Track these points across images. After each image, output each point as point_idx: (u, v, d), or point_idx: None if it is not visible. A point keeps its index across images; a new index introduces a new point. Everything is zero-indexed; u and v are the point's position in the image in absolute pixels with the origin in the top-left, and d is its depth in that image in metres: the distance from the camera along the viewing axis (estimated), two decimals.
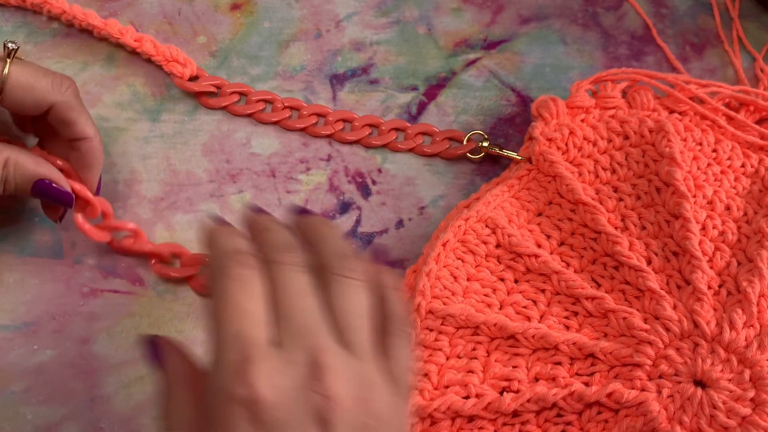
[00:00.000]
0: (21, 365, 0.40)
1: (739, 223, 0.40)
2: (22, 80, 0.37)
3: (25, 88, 0.37)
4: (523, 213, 0.42)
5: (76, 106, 0.38)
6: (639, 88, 0.44)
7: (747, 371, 0.36)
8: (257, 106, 0.46)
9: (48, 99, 0.37)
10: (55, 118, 0.38)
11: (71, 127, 0.38)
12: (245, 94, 0.46)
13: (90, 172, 0.40)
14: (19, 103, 0.37)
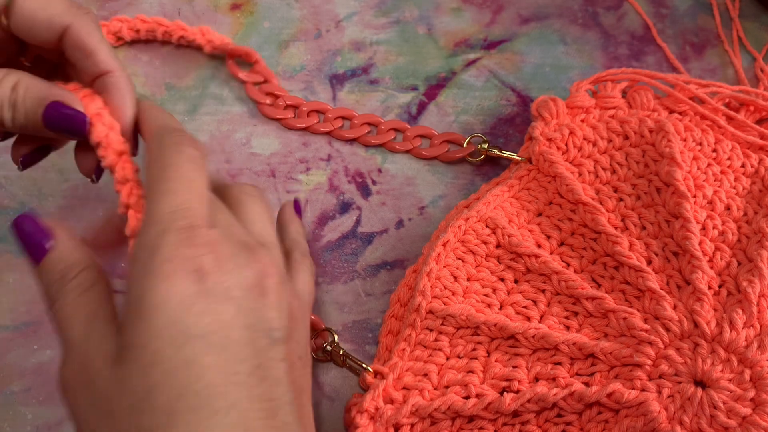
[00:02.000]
0: (21, 365, 0.40)
1: (739, 223, 0.40)
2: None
3: (40, 3, 0.33)
4: (523, 213, 0.42)
5: (95, 33, 0.34)
6: (639, 88, 0.44)
7: (747, 371, 0.36)
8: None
9: (63, 19, 0.33)
10: (71, 45, 0.33)
11: (91, 58, 0.34)
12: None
13: (122, 111, 0.34)
14: (30, 22, 0.33)
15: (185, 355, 0.26)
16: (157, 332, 0.26)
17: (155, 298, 0.27)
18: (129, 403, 0.26)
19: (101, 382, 0.27)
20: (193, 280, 0.27)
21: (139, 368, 0.26)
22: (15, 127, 0.33)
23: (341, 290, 0.42)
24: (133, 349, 0.26)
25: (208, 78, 0.47)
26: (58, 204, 0.44)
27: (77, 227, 0.43)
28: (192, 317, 0.27)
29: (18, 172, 0.44)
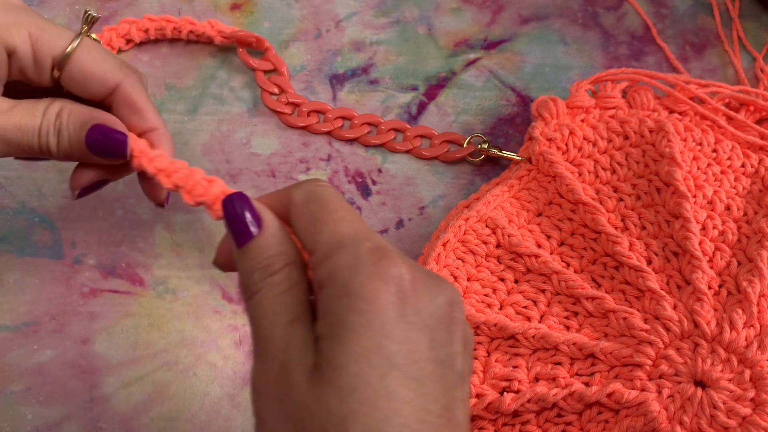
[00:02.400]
0: (21, 365, 0.40)
1: (739, 223, 0.40)
2: (92, 51, 0.34)
3: (95, 60, 0.34)
4: (524, 213, 0.42)
5: (143, 92, 0.35)
6: (639, 88, 0.44)
7: (747, 371, 0.36)
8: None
9: (115, 77, 0.34)
10: (121, 102, 0.35)
11: (138, 114, 0.35)
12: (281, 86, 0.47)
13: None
14: (82, 77, 0.34)
15: (387, 386, 0.25)
16: (358, 356, 0.25)
17: (358, 319, 0.25)
18: (321, 425, 0.25)
19: (297, 394, 0.25)
20: (394, 302, 0.26)
21: (337, 391, 0.25)
22: (60, 153, 0.34)
23: None
24: (332, 369, 0.25)
25: (208, 78, 0.47)
26: (58, 204, 0.44)
27: (77, 227, 0.43)
28: (394, 344, 0.25)
29: (18, 171, 0.44)
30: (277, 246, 0.28)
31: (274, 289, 0.27)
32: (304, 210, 0.28)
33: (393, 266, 0.26)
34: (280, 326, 0.27)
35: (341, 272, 0.26)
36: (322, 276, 0.27)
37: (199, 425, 0.39)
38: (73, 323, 0.41)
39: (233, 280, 0.42)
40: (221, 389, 0.39)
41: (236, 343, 0.41)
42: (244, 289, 0.28)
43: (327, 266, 0.27)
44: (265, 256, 0.28)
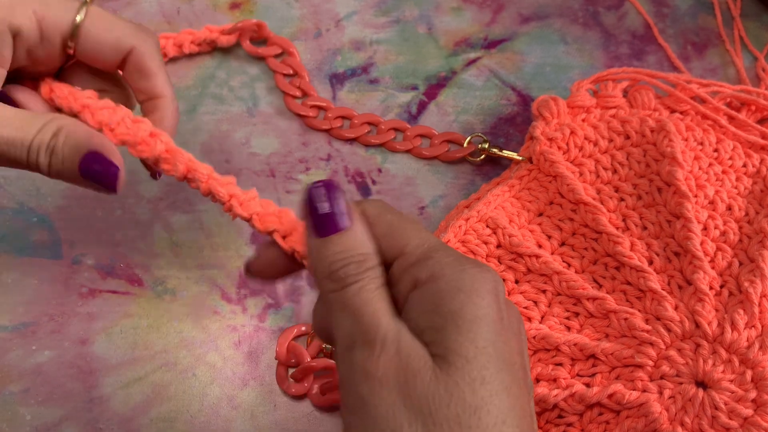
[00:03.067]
0: (19, 366, 0.40)
1: (740, 223, 0.40)
2: (102, 18, 0.33)
3: (106, 27, 0.33)
4: (524, 213, 0.41)
5: (157, 57, 0.35)
6: (640, 87, 0.44)
7: (749, 372, 0.35)
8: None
9: (128, 41, 0.33)
10: (132, 67, 0.34)
11: (150, 80, 0.34)
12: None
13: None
14: (96, 47, 0.33)
15: (504, 381, 0.26)
16: (483, 348, 0.26)
17: (476, 313, 0.26)
18: (455, 414, 0.25)
19: (421, 383, 0.26)
20: (496, 304, 0.27)
21: (467, 382, 0.26)
22: (51, 173, 0.32)
23: None
24: (459, 359, 0.26)
25: (207, 78, 0.47)
26: (56, 204, 0.43)
27: (75, 227, 0.43)
28: (500, 343, 0.27)
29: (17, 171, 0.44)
30: (369, 243, 0.29)
31: (374, 282, 0.28)
32: (382, 219, 0.29)
33: (490, 272, 0.28)
34: (387, 316, 0.27)
35: (450, 270, 0.27)
36: (424, 274, 0.28)
37: (198, 426, 0.39)
38: (71, 324, 0.41)
39: (232, 281, 0.42)
40: (220, 390, 0.39)
41: (235, 343, 0.40)
42: (334, 279, 0.28)
43: (430, 265, 0.28)
44: (360, 251, 0.28)
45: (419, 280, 0.28)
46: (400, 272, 0.28)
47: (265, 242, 0.32)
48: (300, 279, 0.42)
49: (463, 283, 0.27)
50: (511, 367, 0.27)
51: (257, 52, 0.47)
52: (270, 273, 0.32)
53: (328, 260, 0.28)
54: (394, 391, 0.26)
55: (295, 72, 0.47)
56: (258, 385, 0.40)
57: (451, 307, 0.27)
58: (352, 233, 0.29)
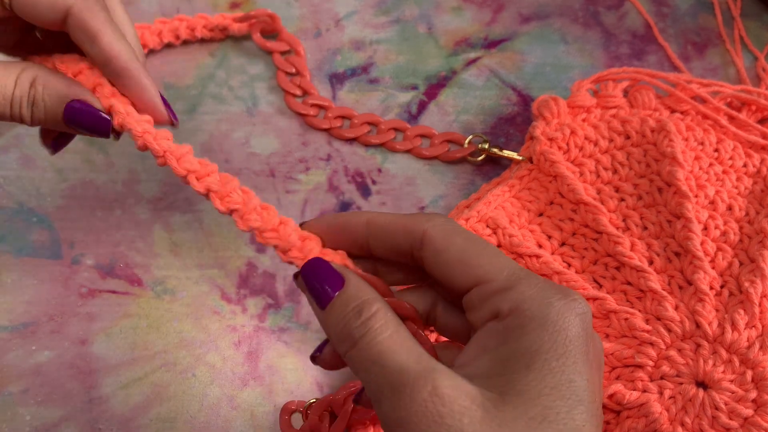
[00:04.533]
0: (19, 366, 0.40)
1: (741, 223, 0.40)
2: None
3: None
4: (524, 213, 0.41)
5: (100, 14, 0.32)
6: (640, 87, 0.44)
7: (749, 372, 0.35)
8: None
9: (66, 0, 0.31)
10: (75, 27, 0.32)
11: (96, 42, 0.32)
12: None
13: (141, 99, 0.33)
14: (31, 3, 0.31)
15: (574, 419, 0.25)
16: (553, 388, 0.25)
17: (555, 351, 0.26)
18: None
19: (469, 423, 0.25)
20: (583, 338, 0.26)
21: (527, 421, 0.25)
22: (33, 123, 0.33)
23: None
24: (524, 398, 0.25)
25: (207, 77, 0.47)
26: (56, 204, 0.43)
27: (75, 227, 0.43)
28: (582, 380, 0.26)
29: (16, 171, 0.44)
30: (363, 293, 0.28)
31: (384, 329, 0.27)
32: (452, 244, 0.28)
33: (579, 303, 0.27)
34: (411, 358, 0.26)
35: (531, 303, 0.26)
36: (506, 306, 0.27)
37: (198, 426, 0.39)
38: (71, 324, 0.41)
39: (232, 281, 0.42)
40: (220, 390, 0.39)
41: (235, 344, 0.40)
42: (342, 339, 0.28)
43: (511, 297, 0.27)
44: (355, 304, 0.28)
45: (501, 312, 0.27)
46: (479, 300, 0.28)
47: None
48: None
49: (547, 319, 0.26)
50: (588, 406, 0.25)
51: (266, 45, 0.47)
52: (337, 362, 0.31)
53: (333, 325, 0.28)
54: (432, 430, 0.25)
55: (297, 71, 0.47)
56: (258, 385, 0.39)
57: (527, 345, 0.26)
58: (345, 290, 0.28)
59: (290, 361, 0.40)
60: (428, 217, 0.29)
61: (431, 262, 0.29)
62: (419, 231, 0.29)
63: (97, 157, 0.45)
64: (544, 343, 0.26)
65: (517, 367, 0.26)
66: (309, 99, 0.46)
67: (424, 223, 0.29)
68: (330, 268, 0.29)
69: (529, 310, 0.26)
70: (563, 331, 0.26)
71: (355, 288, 0.28)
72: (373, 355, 0.26)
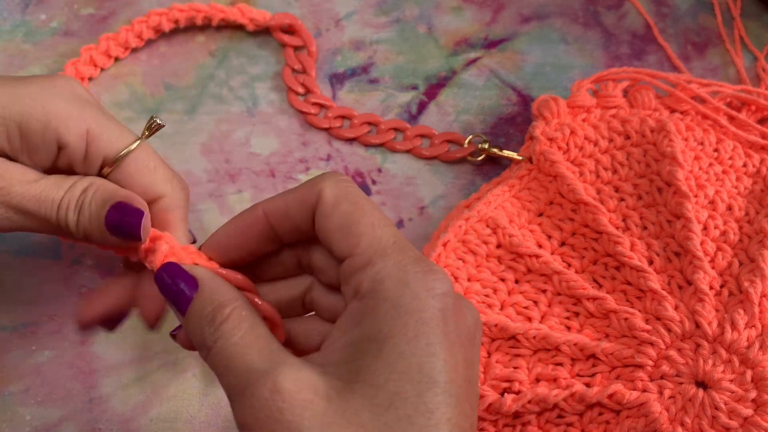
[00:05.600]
0: (19, 366, 0.40)
1: (740, 223, 0.40)
2: (146, 159, 0.33)
3: (147, 169, 0.33)
4: (524, 213, 0.41)
5: (183, 210, 0.34)
6: (640, 87, 0.44)
7: (749, 372, 0.35)
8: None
9: (160, 190, 0.33)
10: (156, 212, 0.33)
11: (167, 229, 0.33)
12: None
13: None
14: (130, 180, 0.33)
15: (426, 403, 0.24)
16: (401, 373, 0.24)
17: (406, 335, 0.25)
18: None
19: (311, 415, 0.24)
20: (440, 319, 0.25)
21: (372, 407, 0.24)
22: (79, 232, 0.32)
23: None
24: (369, 385, 0.24)
25: (207, 77, 0.47)
26: None
27: None
28: (438, 361, 0.25)
29: None
30: (217, 296, 0.28)
31: (234, 333, 0.26)
32: (337, 210, 0.27)
33: (439, 281, 0.26)
34: (257, 360, 0.26)
35: (388, 282, 0.25)
36: (363, 284, 0.26)
37: (198, 426, 0.39)
38: (71, 324, 0.41)
39: None
40: (220, 390, 0.39)
41: None
42: (200, 346, 0.28)
43: (369, 274, 0.26)
44: (208, 310, 0.27)
45: (360, 290, 0.26)
46: (346, 276, 0.27)
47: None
48: None
49: (400, 301, 0.25)
50: (444, 387, 0.25)
51: (282, 38, 0.47)
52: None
53: (191, 333, 0.28)
54: (279, 429, 0.24)
55: (304, 69, 0.47)
56: None
57: (379, 329, 0.25)
58: (200, 295, 0.28)
59: None
60: (322, 177, 0.28)
61: (318, 226, 0.28)
62: (314, 194, 0.28)
63: None
64: (395, 327, 0.25)
65: (368, 352, 0.25)
66: (311, 97, 0.46)
67: (318, 184, 0.28)
68: (182, 272, 0.28)
69: (384, 290, 0.25)
70: (416, 313, 0.25)
71: (209, 291, 0.28)
72: (224, 360, 0.26)
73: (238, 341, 0.26)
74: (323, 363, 0.26)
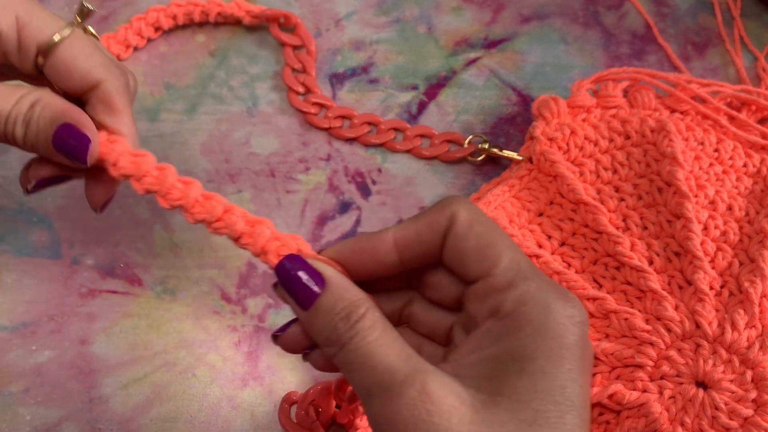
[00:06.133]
0: (19, 366, 0.40)
1: (740, 223, 0.40)
2: (81, 44, 0.32)
3: (82, 54, 0.32)
4: (524, 213, 0.41)
5: (125, 96, 0.34)
6: (640, 87, 0.44)
7: (749, 372, 0.35)
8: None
9: (99, 74, 0.32)
10: (98, 99, 0.33)
11: (114, 117, 0.33)
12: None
13: None
14: (65, 70, 0.32)
15: (565, 424, 0.25)
16: (545, 393, 0.25)
17: (550, 358, 0.26)
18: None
19: (458, 423, 0.25)
20: (579, 345, 0.26)
21: (517, 422, 0.25)
22: (26, 145, 0.32)
23: None
24: (514, 401, 0.25)
25: (207, 77, 0.47)
26: (56, 204, 0.43)
27: (75, 227, 0.43)
28: (576, 386, 0.26)
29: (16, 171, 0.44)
30: (349, 294, 0.28)
31: (371, 331, 0.27)
32: (472, 232, 0.28)
33: (578, 308, 0.27)
34: (400, 359, 0.26)
35: (532, 306, 0.26)
36: (505, 305, 0.27)
37: (198, 426, 0.39)
38: (71, 324, 0.41)
39: (232, 281, 0.42)
40: (220, 390, 0.39)
41: (235, 343, 0.40)
42: (331, 343, 0.27)
43: (512, 295, 0.27)
44: (342, 305, 0.27)
45: (500, 310, 0.27)
46: (482, 294, 0.27)
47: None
48: None
49: (545, 325, 0.26)
50: (580, 411, 0.26)
51: (281, 37, 0.47)
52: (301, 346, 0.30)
53: (319, 328, 0.28)
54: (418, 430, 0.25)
55: (304, 68, 0.47)
56: (258, 385, 0.39)
57: (523, 350, 0.26)
58: (329, 291, 0.28)
59: (290, 361, 0.40)
60: (451, 200, 0.29)
61: (450, 247, 0.28)
62: (445, 217, 0.28)
63: None
64: (540, 349, 0.26)
65: (511, 370, 0.26)
66: (311, 97, 0.46)
67: (449, 206, 0.28)
68: (308, 266, 0.28)
69: (528, 312, 0.26)
70: (560, 338, 0.26)
71: (339, 288, 0.28)
72: (362, 357, 0.26)
73: (376, 340, 0.27)
74: (456, 375, 0.27)
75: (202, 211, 0.31)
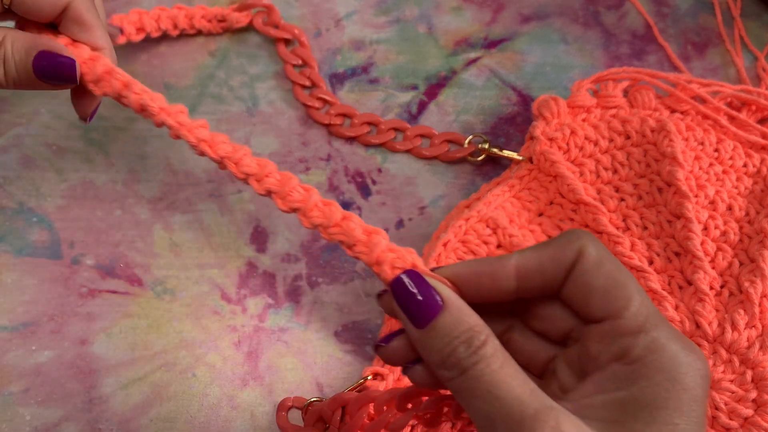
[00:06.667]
0: (19, 366, 0.40)
1: (741, 223, 0.40)
2: None
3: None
4: (524, 213, 0.41)
5: (93, 10, 0.35)
6: (640, 87, 0.44)
7: (749, 372, 0.35)
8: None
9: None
10: (70, 20, 0.35)
11: (88, 32, 0.35)
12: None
13: None
14: (32, 3, 0.34)
15: None
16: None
17: (679, 408, 0.26)
18: None
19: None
20: (703, 396, 0.26)
21: None
22: (9, 83, 0.34)
23: (341, 291, 0.42)
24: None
25: (206, 77, 0.47)
26: (56, 204, 0.43)
27: (75, 227, 0.43)
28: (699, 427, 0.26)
29: (16, 171, 0.44)
30: (470, 318, 0.27)
31: (494, 360, 0.26)
32: (602, 269, 0.27)
33: (703, 360, 0.26)
34: (527, 393, 0.26)
35: (663, 354, 0.26)
36: (634, 349, 0.26)
37: (198, 426, 0.39)
38: (71, 324, 0.41)
39: (232, 281, 0.42)
40: (220, 390, 0.39)
41: (235, 343, 0.40)
42: (448, 366, 0.27)
43: (643, 341, 0.26)
44: (463, 329, 0.27)
45: (629, 355, 0.26)
46: (608, 336, 0.27)
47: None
48: (299, 279, 0.42)
49: (677, 377, 0.26)
50: None
51: (269, 32, 0.47)
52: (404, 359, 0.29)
53: (436, 349, 0.27)
54: None
55: (305, 62, 0.47)
56: (258, 385, 0.39)
57: (654, 398, 0.26)
58: (448, 313, 0.27)
59: (290, 361, 0.40)
60: (578, 234, 0.28)
61: (575, 282, 0.27)
62: (572, 252, 0.27)
63: (97, 157, 0.45)
64: (670, 399, 0.25)
65: (639, 416, 0.25)
66: (316, 92, 0.46)
67: (577, 240, 0.28)
68: (426, 285, 0.27)
69: (659, 361, 0.26)
70: (690, 391, 0.26)
71: (458, 310, 0.27)
72: (486, 385, 0.26)
73: (501, 369, 0.26)
74: (579, 415, 0.26)
75: (320, 215, 0.31)
